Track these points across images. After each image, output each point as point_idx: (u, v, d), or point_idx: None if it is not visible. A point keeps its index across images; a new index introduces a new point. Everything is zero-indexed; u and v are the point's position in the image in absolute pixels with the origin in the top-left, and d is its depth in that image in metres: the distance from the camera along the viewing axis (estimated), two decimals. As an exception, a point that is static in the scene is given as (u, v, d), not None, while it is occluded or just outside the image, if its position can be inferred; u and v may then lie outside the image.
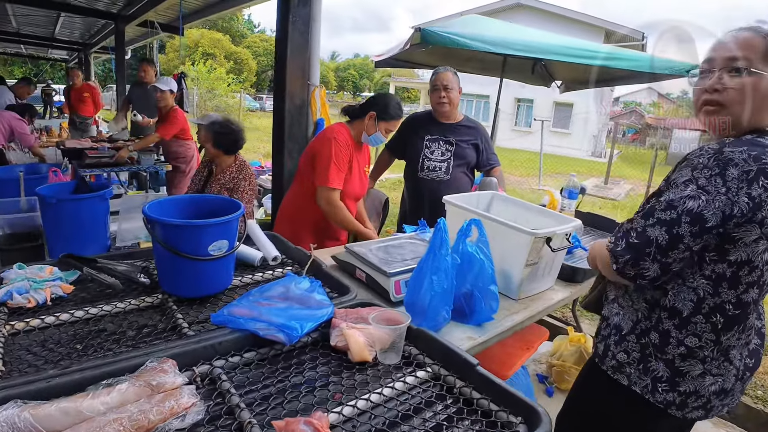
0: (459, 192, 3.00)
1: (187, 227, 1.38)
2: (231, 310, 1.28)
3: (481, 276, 1.61)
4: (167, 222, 1.37)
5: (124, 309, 1.41)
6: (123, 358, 1.09)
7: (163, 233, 1.39)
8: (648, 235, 1.20)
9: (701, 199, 1.15)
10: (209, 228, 1.38)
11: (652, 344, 1.32)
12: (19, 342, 1.24)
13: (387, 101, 2.48)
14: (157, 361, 1.05)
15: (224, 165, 3.13)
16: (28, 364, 1.14)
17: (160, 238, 1.38)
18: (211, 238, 1.39)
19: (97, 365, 1.06)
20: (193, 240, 1.38)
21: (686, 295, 1.26)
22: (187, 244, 1.37)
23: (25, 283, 1.44)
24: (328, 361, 1.23)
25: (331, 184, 2.39)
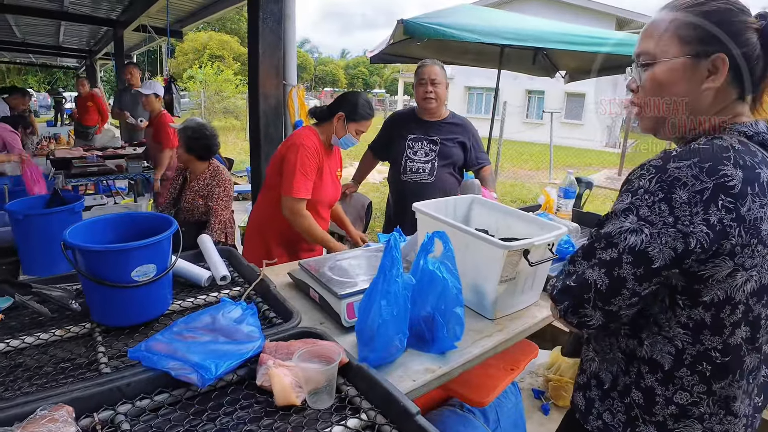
0: (446, 194, 2.85)
1: (107, 252, 1.25)
2: (150, 345, 1.14)
3: (444, 297, 1.44)
4: (83, 247, 1.25)
5: (47, 341, 1.29)
6: (17, 404, 0.96)
7: (83, 260, 1.26)
8: (586, 278, 1.01)
9: (644, 233, 0.93)
10: (132, 252, 1.26)
11: (637, 405, 1.09)
12: None
13: (355, 100, 2.33)
14: (48, 408, 0.92)
15: (197, 171, 3.01)
16: None
17: (82, 266, 1.26)
18: (134, 263, 1.26)
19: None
20: (116, 265, 1.25)
21: (663, 347, 1.04)
22: (109, 270, 1.25)
23: None
24: (250, 404, 1.09)
25: (296, 194, 2.25)
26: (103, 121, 7.23)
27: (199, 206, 3.00)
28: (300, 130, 2.36)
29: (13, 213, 2.62)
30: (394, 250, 1.36)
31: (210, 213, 2.97)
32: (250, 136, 2.94)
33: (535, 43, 4.16)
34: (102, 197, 4.86)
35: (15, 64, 21.87)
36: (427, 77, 2.73)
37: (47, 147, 6.82)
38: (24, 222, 2.61)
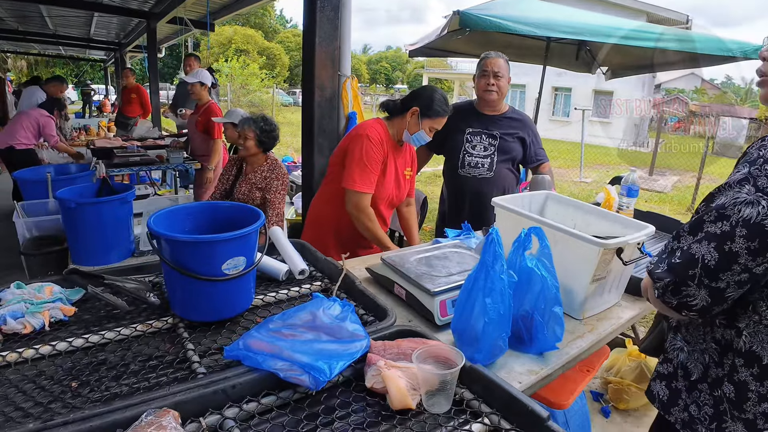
0: (504, 191, 2.75)
1: (197, 243, 1.17)
2: (248, 343, 1.07)
3: (543, 296, 1.35)
4: (173, 238, 1.17)
5: (129, 336, 1.22)
6: (116, 408, 0.89)
7: (170, 250, 1.19)
8: (693, 253, 0.94)
9: (761, 205, 0.87)
10: (223, 243, 1.18)
11: (727, 399, 1.03)
12: (8, 377, 1.07)
13: (431, 95, 2.19)
14: (154, 414, 0.85)
15: (256, 164, 2.97)
16: (14, 406, 0.97)
17: (167, 257, 1.18)
18: (225, 255, 1.18)
19: (85, 417, 0.86)
20: (205, 258, 1.17)
21: (765, 337, 0.96)
22: (197, 262, 1.17)
23: (21, 306, 1.27)
24: (362, 407, 1.01)
25: (359, 188, 2.15)
26: (145, 114, 7.25)
27: (255, 198, 2.95)
28: (367, 121, 2.25)
29: (64, 201, 2.57)
30: (497, 246, 1.26)
31: (267, 205, 2.93)
32: (303, 128, 2.87)
33: (591, 37, 4.02)
34: (146, 187, 4.84)
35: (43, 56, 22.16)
36: (490, 69, 2.62)
37: (78, 138, 6.86)
38: (76, 210, 2.56)
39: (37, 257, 3.18)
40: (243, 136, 2.88)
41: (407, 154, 2.38)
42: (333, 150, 2.83)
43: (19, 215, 3.52)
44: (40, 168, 4.38)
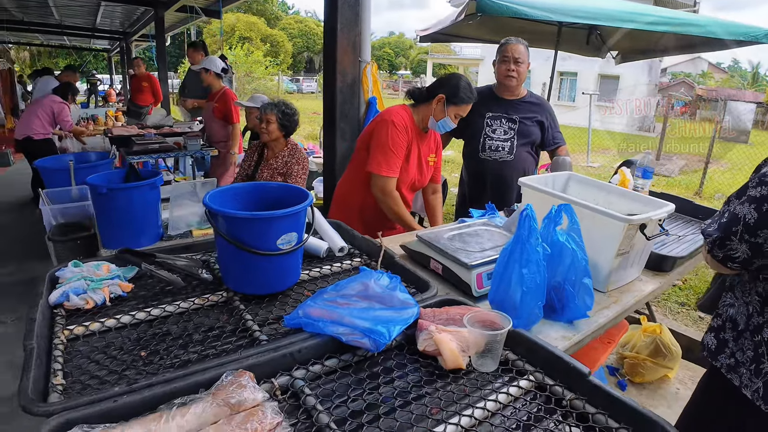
0: (524, 173, 2.82)
1: (254, 220, 1.25)
2: (307, 312, 1.14)
3: (574, 268, 1.43)
4: (231, 214, 1.24)
5: (188, 309, 1.30)
6: (195, 371, 0.97)
7: (227, 226, 1.26)
8: (736, 213, 1.12)
9: None
10: (278, 220, 1.25)
11: (765, 342, 1.18)
12: (79, 349, 1.13)
13: (457, 83, 2.24)
14: (233, 374, 0.93)
15: (277, 149, 3.04)
16: (90, 375, 1.03)
17: (225, 232, 1.26)
18: (279, 231, 1.26)
19: (168, 380, 0.94)
20: (261, 233, 1.25)
21: None
22: (254, 237, 1.25)
23: (81, 283, 1.34)
24: (416, 367, 1.09)
25: (384, 172, 2.22)
26: (156, 103, 7.30)
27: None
28: (393, 107, 2.31)
29: (95, 187, 2.65)
30: (532, 221, 1.34)
31: None
32: (324, 113, 2.93)
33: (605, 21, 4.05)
34: (168, 173, 4.91)
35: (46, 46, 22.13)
36: (511, 55, 2.67)
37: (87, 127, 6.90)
38: (107, 196, 2.64)
39: (65, 243, 3.27)
40: (265, 120, 2.94)
41: (432, 141, 2.44)
42: (354, 134, 2.91)
43: (45, 203, 3.61)
44: (61, 156, 4.46)
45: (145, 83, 7.23)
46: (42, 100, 5.40)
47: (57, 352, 1.08)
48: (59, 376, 1.00)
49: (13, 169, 8.28)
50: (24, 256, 4.43)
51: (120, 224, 2.71)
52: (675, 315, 3.92)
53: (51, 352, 1.08)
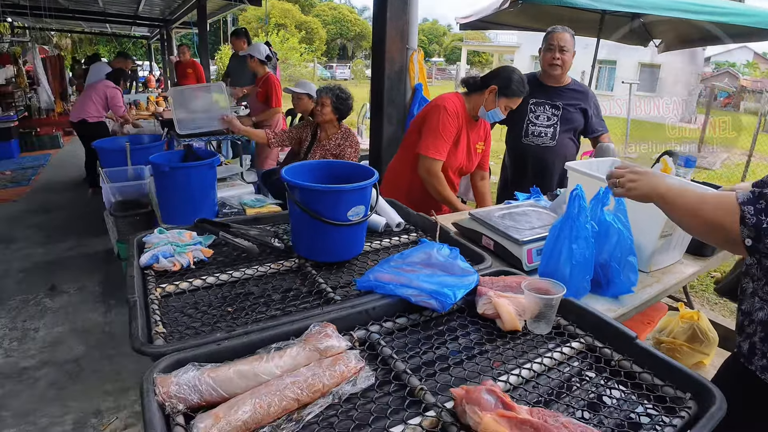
0: (566, 159, 2.88)
1: (329, 192, 1.37)
2: (377, 276, 1.27)
3: (620, 246, 1.52)
4: (308, 187, 1.37)
5: (265, 273, 1.43)
6: (285, 322, 1.10)
7: (302, 198, 1.39)
8: None
9: None
10: (349, 193, 1.38)
11: None
12: (172, 304, 1.27)
13: (510, 76, 2.33)
14: (319, 325, 1.05)
15: (330, 131, 3.17)
16: (185, 326, 1.16)
17: (301, 203, 1.38)
18: (350, 204, 1.38)
19: (262, 328, 1.07)
20: (333, 205, 1.37)
21: None
22: (327, 209, 1.37)
23: (168, 248, 1.47)
24: (477, 328, 1.21)
25: (433, 154, 2.33)
26: (200, 89, 7.52)
27: None
28: (446, 94, 2.42)
29: (158, 165, 2.83)
30: (581, 199, 1.44)
31: None
32: (371, 99, 3.04)
33: (651, 10, 4.04)
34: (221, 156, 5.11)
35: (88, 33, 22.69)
36: (557, 44, 2.72)
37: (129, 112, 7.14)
38: (169, 174, 2.81)
39: (125, 218, 3.50)
40: (320, 103, 3.07)
41: (481, 130, 2.54)
42: (400, 119, 3.01)
43: (105, 181, 3.84)
44: (117, 138, 4.70)
45: (189, 69, 7.46)
46: (96, 84, 5.65)
47: (154, 306, 1.21)
48: (160, 325, 1.13)
49: (64, 151, 8.66)
50: (82, 232, 4.71)
51: (179, 201, 2.89)
52: (713, 305, 3.94)
53: (148, 306, 1.21)
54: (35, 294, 3.58)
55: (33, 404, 2.47)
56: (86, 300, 3.50)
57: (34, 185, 6.48)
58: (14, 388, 2.59)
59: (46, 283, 3.75)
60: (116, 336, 3.03)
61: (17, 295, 3.55)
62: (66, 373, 2.70)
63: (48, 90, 9.02)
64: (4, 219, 5.18)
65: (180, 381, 0.87)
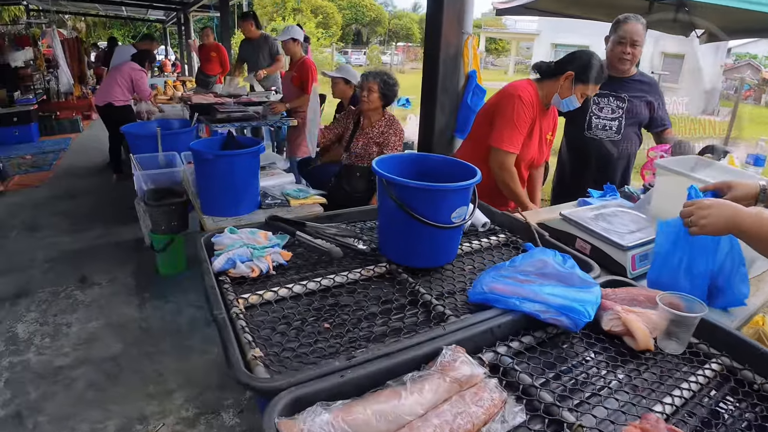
0: (630, 155, 2.75)
1: (433, 191, 1.24)
2: (491, 287, 1.14)
3: (731, 256, 1.39)
4: (410, 185, 1.24)
5: (356, 280, 1.30)
6: (410, 346, 0.96)
7: (401, 196, 1.26)
8: None
9: None
10: (454, 193, 1.25)
11: None
12: (259, 319, 1.12)
13: (589, 61, 2.16)
14: (451, 350, 0.93)
15: (374, 118, 3.05)
16: (280, 346, 1.02)
17: (400, 202, 1.25)
18: (454, 204, 1.26)
19: (387, 353, 0.93)
20: (437, 205, 1.25)
21: None
22: (429, 209, 1.24)
23: (245, 250, 1.33)
24: (604, 347, 1.09)
25: (506, 147, 2.19)
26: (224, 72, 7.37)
27: (372, 153, 3.03)
28: (519, 81, 2.27)
29: (201, 153, 2.70)
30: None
31: None
32: (424, 86, 2.88)
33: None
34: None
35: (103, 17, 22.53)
36: (629, 37, 2.55)
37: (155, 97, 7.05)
38: (213, 162, 2.68)
39: (160, 208, 3.37)
40: (367, 89, 2.94)
41: (551, 118, 2.39)
42: (453, 108, 2.86)
43: (137, 168, 3.71)
44: (147, 123, 4.58)
45: (213, 53, 7.29)
46: (121, 67, 5.50)
47: (241, 322, 1.06)
48: (256, 348, 0.97)
49: (84, 135, 8.56)
50: (109, 219, 4.60)
51: (221, 191, 2.76)
52: None
53: (234, 322, 1.05)
54: (65, 286, 3.43)
55: (71, 407, 2.32)
56: (119, 292, 3.36)
57: (56, 170, 6.38)
58: (50, 389, 2.43)
59: (76, 273, 3.60)
60: (154, 333, 2.86)
61: (46, 287, 3.40)
62: (104, 374, 2.55)
63: (67, 73, 8.90)
64: (28, 205, 5.07)
65: (311, 428, 0.74)
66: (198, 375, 2.49)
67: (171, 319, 2.97)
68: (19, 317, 2.99)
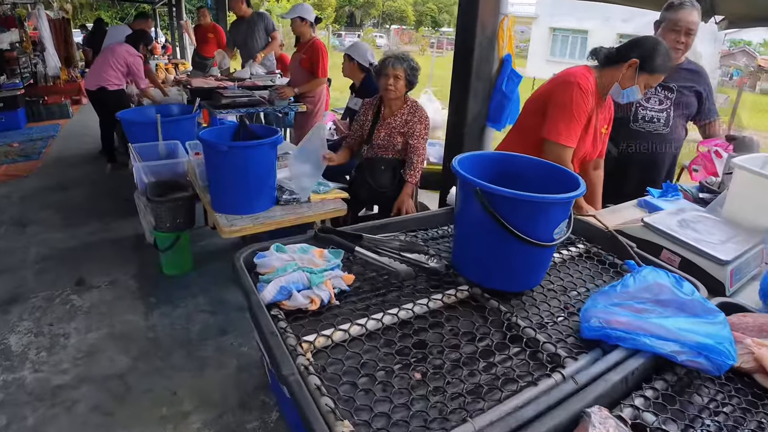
0: (677, 148, 2.56)
1: (537, 204, 1.04)
2: (609, 320, 0.96)
3: None
4: (508, 194, 1.03)
5: (436, 309, 1.10)
6: (546, 410, 0.79)
7: (495, 207, 1.04)
8: None
9: None
10: (560, 206, 1.05)
11: None
12: (332, 370, 0.91)
13: (655, 47, 1.94)
14: (598, 413, 0.74)
15: (395, 107, 2.82)
16: (367, 408, 0.82)
17: (490, 215, 1.04)
18: (558, 218, 1.07)
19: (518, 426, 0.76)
20: (540, 219, 1.05)
21: None
22: (529, 224, 1.05)
23: (300, 276, 1.10)
24: (738, 388, 0.94)
25: (564, 140, 1.98)
26: (222, 54, 7.02)
27: (397, 144, 2.82)
28: (576, 68, 2.06)
29: (212, 144, 2.47)
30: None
31: (411, 151, 2.81)
32: (454, 70, 2.64)
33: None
34: None
35: (88, -2, 21.84)
36: (684, 25, 2.35)
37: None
38: (227, 155, 2.45)
39: (165, 204, 3.09)
40: (393, 76, 2.71)
41: (607, 110, 2.19)
42: (486, 95, 2.64)
43: (136, 159, 3.44)
44: (145, 109, 4.28)
45: (210, 34, 6.89)
46: (115, 47, 5.11)
47: (314, 378, 0.85)
48: (344, 421, 0.76)
49: (74, 121, 8.20)
50: (105, 213, 4.30)
51: (237, 186, 2.54)
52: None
53: (304, 376, 0.85)
54: (60, 289, 3.05)
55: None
56: (121, 297, 3.00)
57: (45, 159, 6.00)
58: (49, 413, 2.10)
59: (72, 275, 3.22)
60: (162, 344, 2.55)
61: (39, 291, 3.03)
62: (110, 393, 2.23)
63: (54, 56, 8.50)
64: (17, 197, 4.69)
65: None
66: (215, 393, 2.23)
67: (181, 327, 2.71)
68: (12, 327, 2.68)
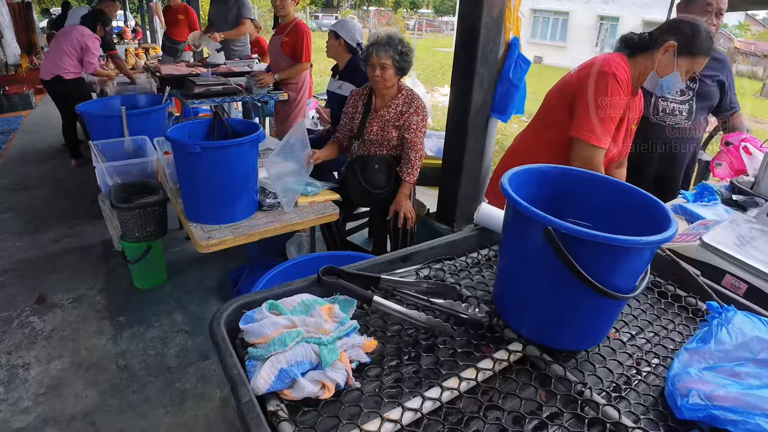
0: (698, 144, 2.36)
1: (623, 248, 0.75)
2: (711, 395, 0.71)
3: None
4: (588, 236, 0.73)
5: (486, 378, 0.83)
6: None
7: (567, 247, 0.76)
8: None
9: None
10: (647, 250, 0.78)
11: None
12: None
13: (695, 27, 1.68)
14: None
15: (388, 97, 2.53)
16: None
17: (556, 257, 0.77)
18: (643, 263, 0.80)
19: None
20: (621, 265, 0.78)
21: None
22: (608, 271, 0.77)
23: (306, 351, 0.78)
24: None
25: (596, 140, 1.72)
26: (191, 38, 6.55)
27: (391, 138, 2.54)
28: (610, 56, 1.78)
29: (185, 146, 2.15)
30: None
31: (407, 147, 2.54)
32: (457, 53, 2.34)
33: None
34: None
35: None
36: (716, 5, 2.12)
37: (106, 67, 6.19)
38: (200, 157, 2.13)
39: (132, 211, 2.74)
40: (379, 66, 2.42)
41: (638, 103, 1.93)
42: (492, 82, 2.37)
43: (98, 159, 3.08)
44: (108, 100, 3.89)
45: (181, 16, 6.35)
46: (69, 31, 4.64)
47: None
48: None
49: (37, 112, 7.67)
50: (70, 216, 3.92)
51: (213, 192, 2.22)
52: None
53: None
54: (18, 310, 2.74)
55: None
56: (87, 317, 2.69)
57: (5, 155, 5.54)
58: None
59: (32, 292, 2.91)
60: (135, 374, 2.26)
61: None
62: None
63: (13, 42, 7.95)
64: None
65: None
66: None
67: (155, 352, 2.40)
68: (-36, 357, 2.34)
